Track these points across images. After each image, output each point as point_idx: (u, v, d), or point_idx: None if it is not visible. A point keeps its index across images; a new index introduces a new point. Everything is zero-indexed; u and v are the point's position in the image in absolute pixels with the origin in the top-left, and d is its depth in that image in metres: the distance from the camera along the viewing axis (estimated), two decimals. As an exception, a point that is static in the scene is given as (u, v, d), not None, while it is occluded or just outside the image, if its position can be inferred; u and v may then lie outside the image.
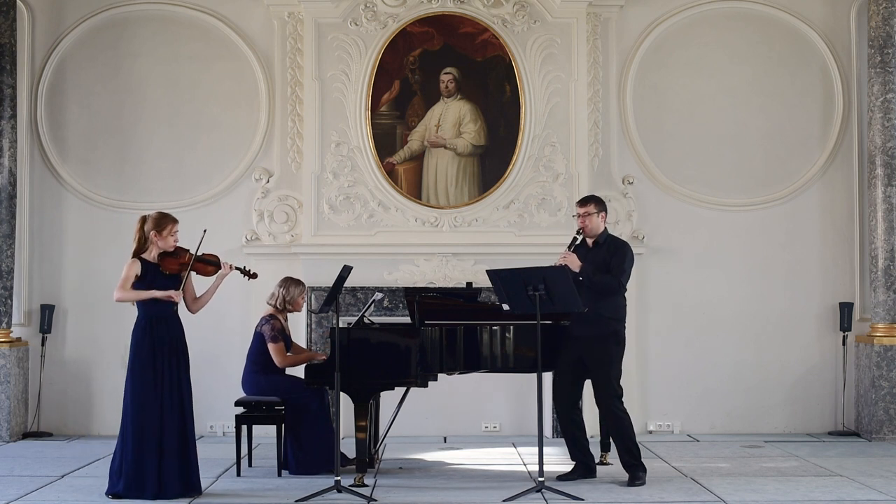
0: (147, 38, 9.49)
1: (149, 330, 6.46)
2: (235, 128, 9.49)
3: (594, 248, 7.10)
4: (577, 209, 7.17)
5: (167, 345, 6.48)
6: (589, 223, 7.08)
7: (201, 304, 6.75)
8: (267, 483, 7.08)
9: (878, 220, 9.18)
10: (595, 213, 7.07)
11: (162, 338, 6.46)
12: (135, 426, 6.37)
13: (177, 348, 6.54)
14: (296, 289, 7.60)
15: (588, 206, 7.10)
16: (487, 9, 9.34)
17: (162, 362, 6.45)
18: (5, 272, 9.06)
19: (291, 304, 7.58)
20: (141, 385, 6.40)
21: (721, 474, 7.34)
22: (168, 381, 6.45)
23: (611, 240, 7.16)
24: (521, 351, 7.00)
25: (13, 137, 9.15)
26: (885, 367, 9.05)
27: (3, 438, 8.84)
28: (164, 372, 6.44)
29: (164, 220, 6.56)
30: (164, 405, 6.41)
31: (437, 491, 6.81)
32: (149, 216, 6.60)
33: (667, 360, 9.41)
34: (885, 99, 9.16)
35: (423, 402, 8.59)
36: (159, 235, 6.52)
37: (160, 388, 6.42)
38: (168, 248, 6.55)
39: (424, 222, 9.30)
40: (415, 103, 9.38)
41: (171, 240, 6.56)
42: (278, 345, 7.41)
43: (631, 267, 7.06)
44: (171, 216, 6.63)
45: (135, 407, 6.39)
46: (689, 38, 9.62)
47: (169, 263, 6.54)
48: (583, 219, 7.09)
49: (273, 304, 7.57)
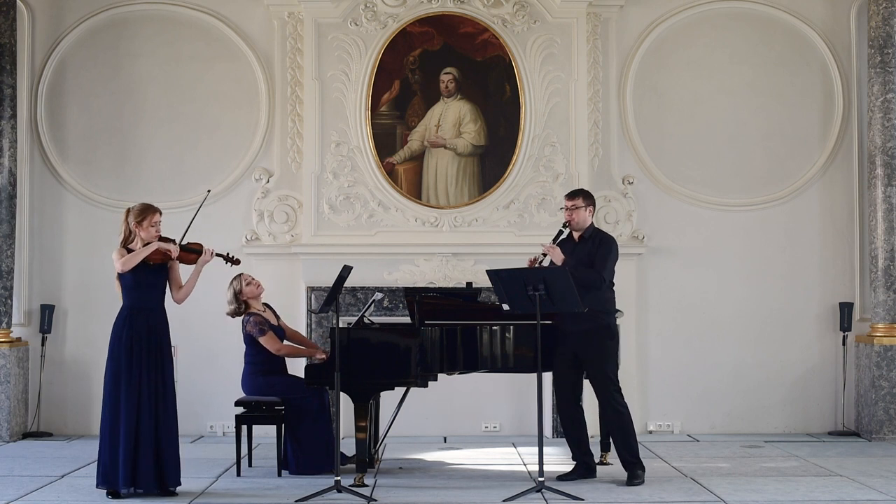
0: (147, 38, 9.49)
1: (128, 322, 6.47)
2: (235, 128, 9.50)
3: (580, 243, 7.07)
4: (565, 202, 7.13)
5: (145, 337, 6.46)
6: (576, 217, 7.05)
7: (186, 293, 6.73)
8: (267, 483, 7.08)
9: (878, 220, 9.18)
10: (583, 207, 7.04)
11: (140, 330, 6.46)
12: (111, 419, 6.39)
13: (158, 341, 6.52)
14: (237, 283, 7.51)
15: (576, 199, 7.07)
16: (487, 9, 9.34)
17: (140, 355, 6.43)
18: (5, 272, 9.06)
19: (247, 297, 7.51)
20: (116, 378, 6.41)
21: (721, 474, 7.34)
22: (146, 374, 6.43)
23: (597, 234, 7.11)
24: (520, 351, 7.00)
25: (13, 137, 9.16)
26: (885, 367, 9.05)
27: (3, 438, 8.85)
28: (143, 365, 6.43)
29: (145, 212, 6.60)
30: (142, 398, 6.40)
31: (437, 491, 6.81)
32: (132, 208, 6.64)
33: (667, 360, 9.41)
34: (885, 99, 9.16)
35: (423, 402, 8.59)
36: (140, 226, 6.55)
37: (136, 380, 6.40)
38: (151, 239, 6.57)
39: (424, 222, 9.30)
40: (415, 103, 9.38)
41: (153, 230, 6.58)
42: (267, 335, 7.37)
43: (614, 262, 7.02)
44: (154, 207, 6.66)
45: (110, 400, 6.41)
46: (689, 38, 9.62)
47: (153, 254, 6.56)
48: (570, 212, 7.06)
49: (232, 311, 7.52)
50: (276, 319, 7.65)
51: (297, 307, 9.21)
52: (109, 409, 6.42)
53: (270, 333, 7.40)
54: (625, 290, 8.26)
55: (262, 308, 7.58)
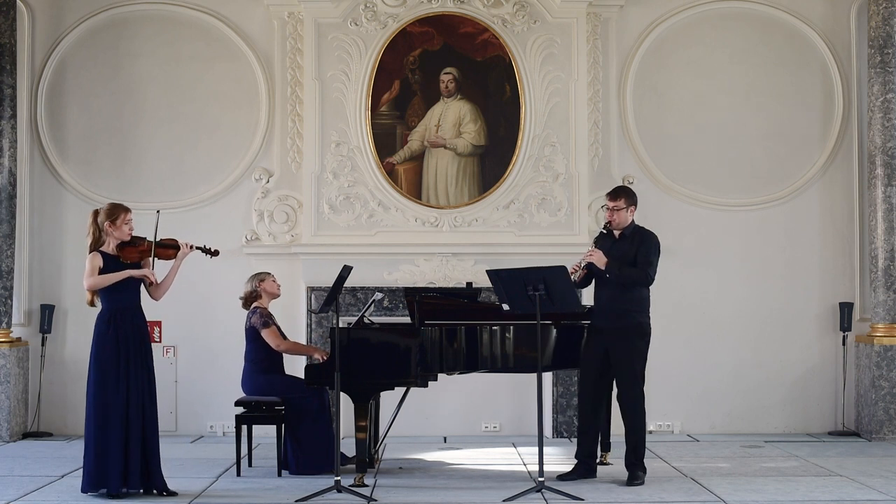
0: (147, 38, 9.49)
1: (113, 323, 6.44)
2: (235, 128, 9.50)
3: (619, 240, 6.96)
4: (608, 202, 6.99)
5: (132, 337, 6.45)
6: (617, 218, 6.94)
7: (164, 290, 6.67)
8: (267, 483, 7.07)
9: (878, 220, 9.18)
10: (624, 209, 6.94)
11: (126, 331, 6.44)
12: (98, 421, 6.35)
13: (142, 340, 6.51)
14: (263, 275, 7.55)
15: (618, 200, 6.94)
16: (487, 9, 9.34)
17: (127, 355, 6.42)
18: (5, 272, 9.06)
19: (265, 290, 7.52)
20: (104, 379, 6.38)
21: (721, 474, 7.35)
22: (134, 375, 6.42)
23: (637, 231, 7.00)
24: (521, 351, 6.99)
25: (13, 137, 9.16)
26: (885, 367, 9.05)
27: (3, 438, 8.85)
28: (130, 365, 6.41)
29: (116, 210, 6.55)
30: (131, 399, 6.38)
31: (437, 491, 6.81)
32: (101, 209, 6.59)
33: (667, 359, 9.39)
34: (885, 99, 9.16)
35: (423, 402, 8.59)
36: (113, 226, 6.50)
37: (125, 381, 6.39)
38: (124, 238, 6.53)
39: (424, 222, 9.30)
40: (415, 103, 9.38)
41: (126, 228, 6.53)
42: (271, 328, 7.38)
43: (658, 258, 6.95)
44: (124, 206, 6.61)
45: (98, 401, 6.37)
46: (689, 38, 9.61)
47: (129, 253, 6.52)
48: (612, 213, 6.95)
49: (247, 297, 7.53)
50: None
51: (297, 307, 9.21)
52: (97, 413, 6.37)
53: (274, 328, 7.40)
54: (625, 290, 8.24)
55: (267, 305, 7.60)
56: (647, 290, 6.98)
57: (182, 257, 6.67)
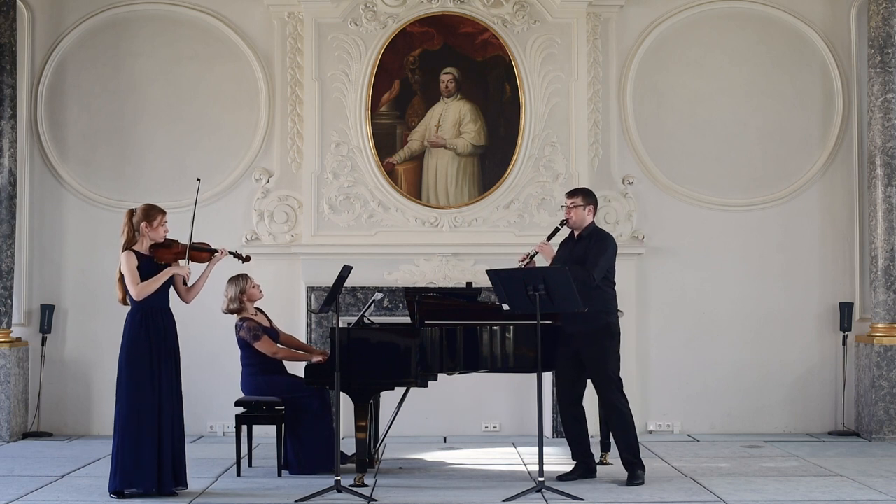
0: (147, 38, 9.49)
1: (145, 322, 6.46)
2: (235, 128, 9.50)
3: (579, 241, 7.08)
4: (565, 200, 7.18)
5: (163, 337, 6.48)
6: (574, 215, 7.06)
7: (195, 293, 6.74)
8: (267, 483, 7.08)
9: (878, 220, 9.18)
10: (581, 206, 7.05)
11: (158, 330, 6.47)
12: (131, 420, 6.36)
13: (174, 340, 6.56)
14: (243, 282, 7.51)
15: (575, 197, 7.10)
16: (487, 9, 9.34)
17: (159, 355, 6.44)
18: (5, 272, 9.06)
19: (249, 298, 7.52)
20: (138, 378, 6.39)
21: (721, 474, 7.35)
22: (166, 374, 6.45)
23: (595, 232, 7.11)
24: (520, 351, 7.00)
25: (13, 137, 9.16)
26: (885, 367, 9.05)
27: (3, 438, 8.85)
28: (162, 365, 6.44)
29: (153, 211, 6.58)
30: (163, 398, 6.41)
31: (437, 491, 6.82)
32: (137, 209, 6.61)
33: (666, 360, 9.41)
34: (885, 99, 9.16)
35: (423, 402, 8.59)
36: (150, 227, 6.53)
37: (157, 380, 6.42)
38: (159, 239, 6.56)
39: (424, 222, 9.30)
40: (415, 103, 9.38)
41: (162, 230, 6.58)
42: (263, 340, 7.38)
43: (608, 261, 6.97)
44: (160, 207, 6.66)
45: (131, 401, 6.38)
46: (689, 38, 9.62)
47: (163, 254, 6.55)
48: (568, 210, 7.09)
49: (228, 309, 7.52)
50: (269, 322, 7.65)
51: (297, 307, 9.21)
52: (130, 413, 6.37)
53: (265, 338, 7.40)
54: (625, 290, 8.25)
55: (253, 312, 7.57)
56: (612, 291, 7.03)
57: (216, 261, 6.72)
